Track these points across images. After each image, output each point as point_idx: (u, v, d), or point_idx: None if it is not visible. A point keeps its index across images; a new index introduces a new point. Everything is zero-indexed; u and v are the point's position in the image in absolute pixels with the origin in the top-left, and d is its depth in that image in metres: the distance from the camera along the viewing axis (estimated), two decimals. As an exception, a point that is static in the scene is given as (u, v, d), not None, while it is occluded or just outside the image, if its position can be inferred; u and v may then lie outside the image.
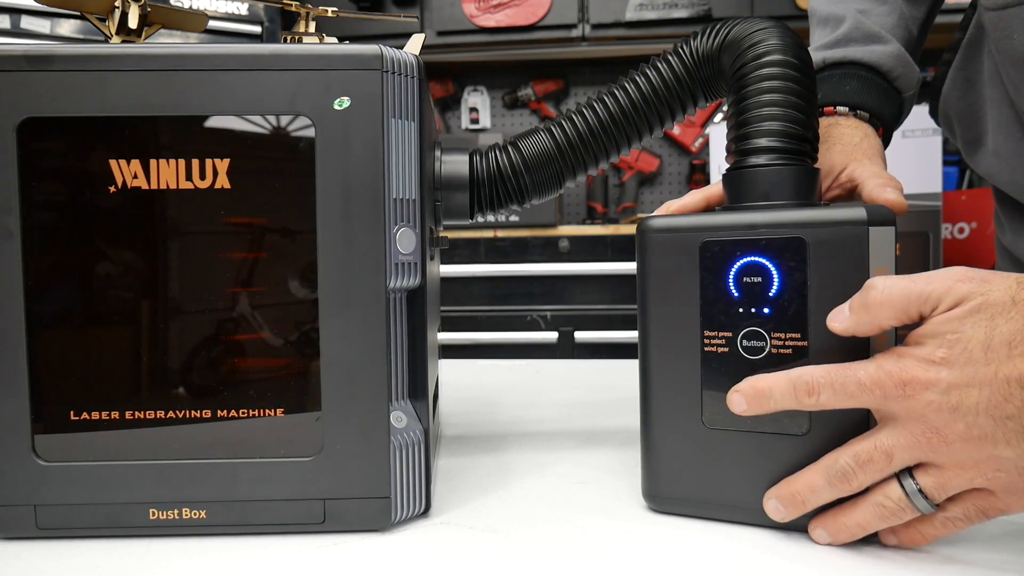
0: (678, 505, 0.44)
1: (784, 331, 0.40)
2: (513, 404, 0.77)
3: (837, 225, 0.38)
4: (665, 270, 0.43)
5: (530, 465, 0.54)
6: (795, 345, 0.39)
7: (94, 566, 0.38)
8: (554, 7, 2.30)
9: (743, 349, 0.41)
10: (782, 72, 0.43)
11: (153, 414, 0.40)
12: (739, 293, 0.41)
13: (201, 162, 0.40)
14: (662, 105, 0.49)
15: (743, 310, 0.41)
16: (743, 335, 0.41)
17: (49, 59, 0.39)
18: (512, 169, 0.50)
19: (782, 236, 0.39)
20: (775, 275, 0.40)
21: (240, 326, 0.40)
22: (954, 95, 0.71)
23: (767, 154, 0.43)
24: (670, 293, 0.42)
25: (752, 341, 0.40)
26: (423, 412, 0.44)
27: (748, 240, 0.40)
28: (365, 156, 0.40)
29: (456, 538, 0.41)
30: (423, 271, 0.42)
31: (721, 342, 0.41)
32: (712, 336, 0.41)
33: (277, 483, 0.41)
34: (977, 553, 0.38)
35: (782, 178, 0.42)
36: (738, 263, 0.40)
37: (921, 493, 0.36)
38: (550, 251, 1.99)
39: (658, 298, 0.43)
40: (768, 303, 0.40)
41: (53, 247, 0.40)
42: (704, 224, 0.42)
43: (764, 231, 0.40)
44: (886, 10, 0.64)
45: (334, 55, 0.40)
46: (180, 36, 1.41)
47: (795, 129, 0.43)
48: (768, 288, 0.40)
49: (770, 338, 0.40)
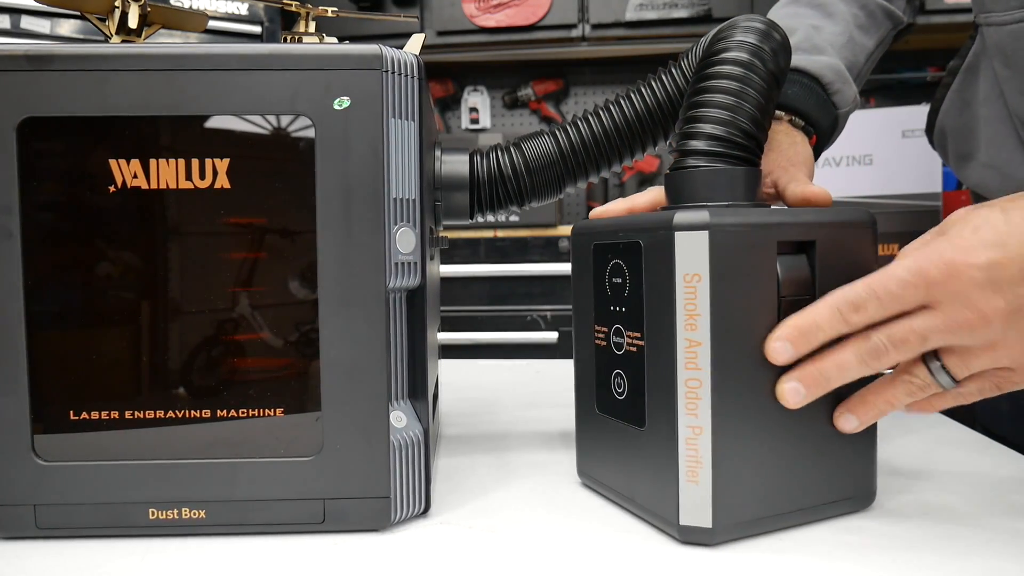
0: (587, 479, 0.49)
1: (632, 329, 0.42)
2: (513, 404, 0.77)
3: (655, 230, 0.39)
4: (577, 267, 0.47)
5: (530, 465, 0.54)
6: (638, 344, 0.41)
7: (94, 566, 0.38)
8: (554, 7, 2.30)
9: (613, 344, 0.44)
10: (728, 71, 0.43)
11: (153, 414, 0.40)
12: (609, 292, 0.44)
13: (201, 162, 0.40)
14: (666, 117, 0.49)
15: (611, 308, 0.44)
16: (613, 331, 0.44)
17: (49, 59, 0.39)
18: (513, 170, 0.50)
19: (627, 240, 0.42)
20: (627, 276, 0.42)
21: (240, 326, 0.40)
22: (951, 114, 0.74)
23: (700, 156, 0.42)
24: (579, 289, 0.47)
25: (616, 337, 0.43)
26: (423, 412, 0.44)
27: (613, 243, 0.43)
28: (365, 156, 0.40)
29: (456, 538, 0.41)
30: (423, 271, 0.42)
31: (602, 336, 0.45)
32: (599, 331, 0.45)
33: (277, 483, 0.41)
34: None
35: (713, 179, 0.42)
36: (609, 264, 0.44)
37: (945, 370, 0.38)
38: (550, 251, 1.99)
39: (573, 293, 0.48)
40: (623, 302, 0.43)
41: (53, 247, 0.40)
42: (598, 227, 0.45)
43: (622, 235, 0.42)
44: (838, 31, 0.66)
45: (334, 55, 0.40)
46: (180, 36, 1.41)
47: (729, 132, 0.42)
48: (624, 288, 0.42)
49: (625, 335, 0.42)
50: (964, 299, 0.36)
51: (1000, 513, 0.43)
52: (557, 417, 0.70)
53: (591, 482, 0.48)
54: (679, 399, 0.38)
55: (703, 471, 0.38)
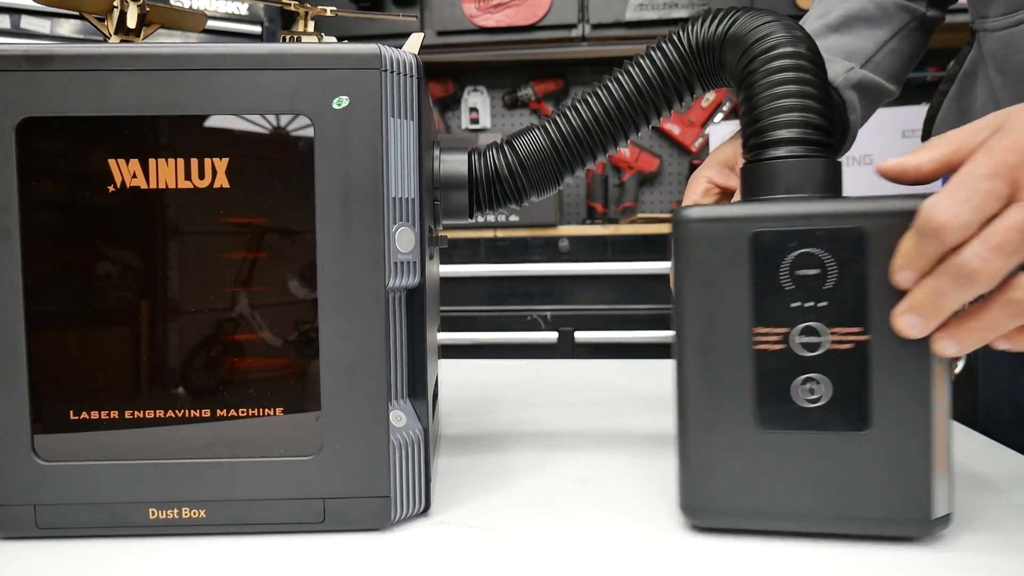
0: (724, 518, 0.41)
1: (844, 325, 0.38)
2: (513, 404, 0.77)
3: (897, 215, 0.37)
4: (710, 263, 0.39)
5: (530, 465, 0.54)
6: (857, 340, 0.38)
7: (94, 566, 0.38)
8: (554, 7, 2.30)
9: (798, 346, 0.39)
10: (797, 64, 0.42)
11: (153, 414, 0.40)
12: (794, 287, 0.38)
13: (200, 162, 0.40)
14: (657, 96, 0.49)
15: (798, 304, 0.38)
16: (799, 331, 0.39)
17: (49, 59, 0.39)
18: (509, 168, 0.50)
19: (840, 226, 0.38)
20: (835, 267, 0.38)
21: (239, 326, 0.40)
22: (948, 122, 0.73)
23: (791, 145, 0.41)
24: (715, 289, 0.39)
25: (808, 337, 0.39)
26: (423, 411, 0.44)
27: (804, 231, 0.38)
28: (364, 155, 0.40)
29: (456, 537, 0.41)
30: (422, 270, 0.42)
31: (775, 339, 0.39)
32: (765, 333, 0.39)
33: (277, 482, 0.41)
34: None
35: (812, 170, 0.41)
36: (792, 255, 0.38)
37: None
38: (550, 251, 1.99)
39: (700, 294, 0.40)
40: (825, 297, 0.38)
41: (53, 247, 0.40)
42: (753, 214, 0.39)
43: (822, 221, 0.38)
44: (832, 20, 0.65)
45: (333, 55, 0.40)
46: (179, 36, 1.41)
47: (821, 121, 0.42)
48: (825, 281, 0.38)
49: (828, 333, 0.38)
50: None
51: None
52: (557, 417, 0.70)
53: (732, 518, 0.40)
54: (933, 389, 0.37)
55: (949, 458, 0.38)
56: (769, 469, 0.39)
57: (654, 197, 2.64)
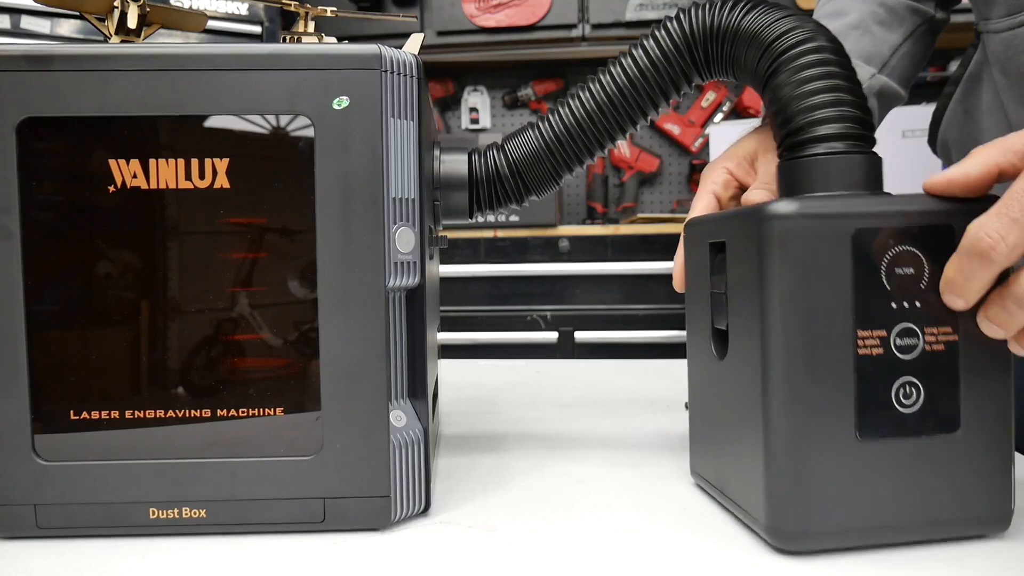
0: (824, 539, 0.37)
1: (936, 325, 0.37)
2: (513, 404, 0.77)
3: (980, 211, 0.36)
4: (807, 263, 0.37)
5: (530, 465, 0.54)
6: (947, 340, 0.37)
7: (94, 566, 0.38)
8: (554, 7, 2.30)
9: (897, 348, 0.37)
10: (827, 58, 0.41)
11: (153, 413, 0.40)
12: (891, 287, 0.37)
13: (200, 162, 0.40)
14: (651, 87, 0.48)
15: (896, 305, 0.37)
16: (896, 333, 0.37)
17: (49, 59, 0.39)
18: (509, 168, 0.50)
19: (933, 223, 0.37)
20: (927, 266, 0.37)
21: (240, 326, 0.40)
22: (954, 126, 0.73)
23: (834, 141, 0.40)
24: (813, 289, 0.37)
25: (906, 339, 0.37)
26: (423, 411, 0.44)
27: (902, 228, 0.37)
28: (364, 156, 0.40)
29: (456, 537, 0.41)
30: (422, 270, 0.42)
31: (876, 342, 0.37)
32: (866, 336, 0.37)
33: (277, 482, 0.41)
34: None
35: (859, 167, 0.40)
36: (891, 253, 0.37)
37: None
38: (550, 251, 1.99)
39: (795, 296, 0.37)
40: (920, 297, 0.37)
41: (53, 247, 0.40)
42: (852, 210, 0.37)
43: (917, 218, 0.37)
44: (853, 21, 0.65)
45: (333, 55, 0.40)
46: (179, 36, 1.41)
47: (862, 115, 0.41)
48: (920, 280, 0.37)
49: (923, 334, 0.37)
50: None
51: None
52: (557, 417, 0.70)
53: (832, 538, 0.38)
54: (1012, 386, 0.38)
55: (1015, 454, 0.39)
56: (867, 481, 0.37)
57: (654, 197, 2.64)
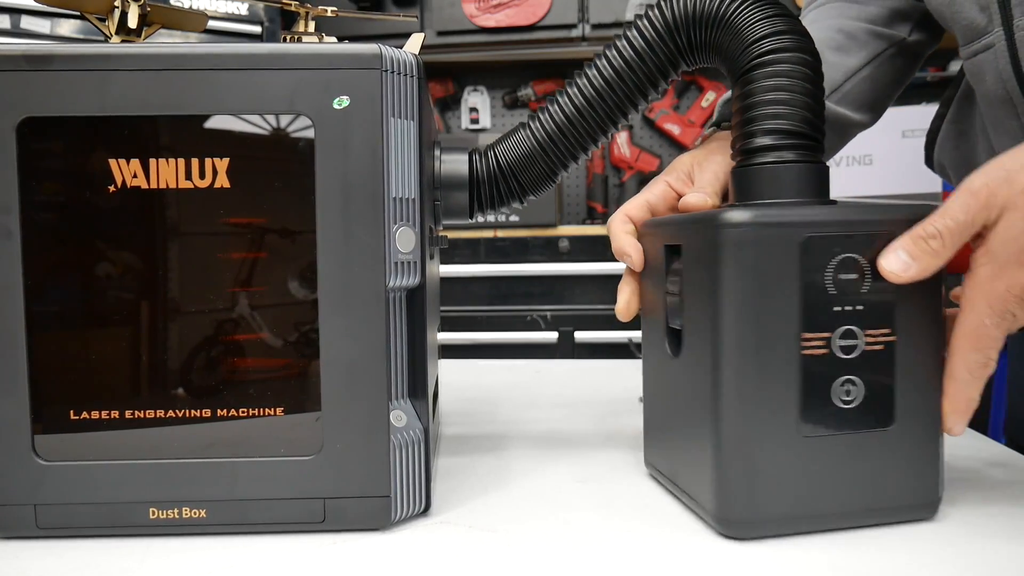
0: (766, 527, 0.40)
1: (876, 326, 0.40)
2: (513, 404, 0.77)
3: (918, 219, 0.39)
4: (757, 269, 0.39)
5: (530, 465, 0.54)
6: (886, 340, 0.40)
7: (94, 566, 0.38)
8: (554, 7, 2.30)
9: (839, 349, 0.40)
10: (796, 69, 0.43)
11: (153, 414, 0.40)
12: (836, 291, 0.39)
13: (201, 161, 0.40)
14: (638, 77, 0.48)
15: (839, 308, 0.39)
16: (839, 334, 0.40)
17: (49, 59, 0.39)
18: (508, 168, 0.50)
19: (876, 231, 0.39)
20: (869, 271, 0.40)
21: (240, 326, 0.40)
22: (948, 146, 0.73)
23: (785, 151, 0.42)
24: (762, 294, 0.39)
25: (847, 340, 0.40)
26: (423, 411, 0.44)
27: (847, 236, 0.39)
28: (365, 155, 0.40)
29: (456, 537, 0.41)
30: (423, 270, 0.42)
31: (819, 343, 0.39)
32: (811, 338, 0.39)
33: (277, 482, 0.41)
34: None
35: (808, 175, 0.42)
36: (836, 260, 0.39)
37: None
38: (550, 251, 1.99)
39: (745, 300, 0.39)
40: (861, 300, 0.40)
41: (53, 247, 0.40)
42: (802, 219, 0.40)
43: (862, 227, 0.39)
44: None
45: (333, 54, 0.40)
46: (180, 36, 1.41)
47: (813, 131, 0.43)
48: (862, 284, 0.40)
49: (863, 335, 0.40)
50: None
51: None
52: (557, 417, 0.70)
53: (772, 525, 0.40)
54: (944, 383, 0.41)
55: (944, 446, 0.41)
56: (809, 473, 0.40)
57: (654, 197, 2.63)
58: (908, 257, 0.39)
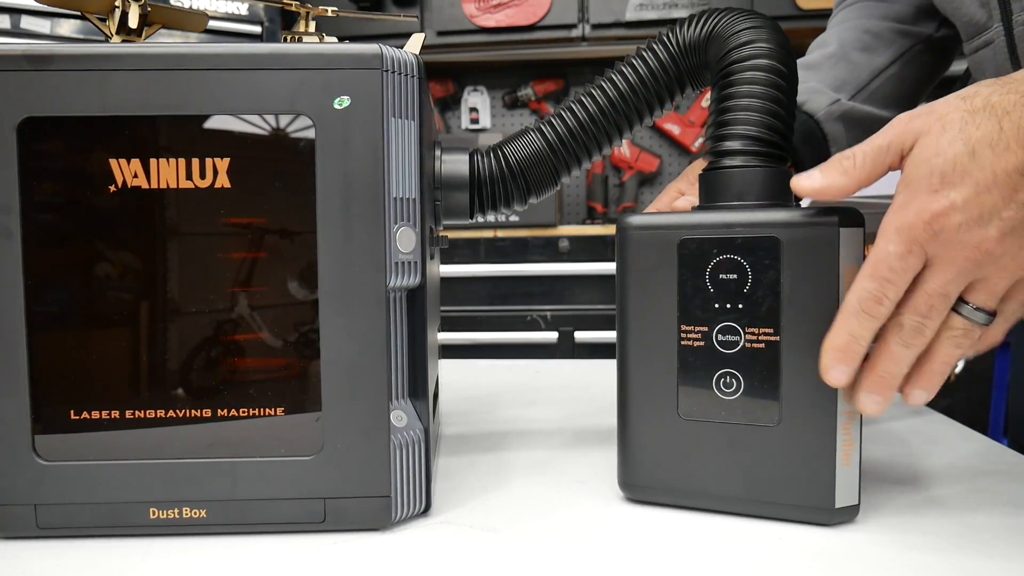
0: (652, 493, 0.45)
1: (758, 326, 0.42)
2: (513, 404, 0.77)
3: (810, 226, 0.40)
4: (644, 266, 0.44)
5: (530, 464, 0.54)
6: (768, 340, 0.41)
7: (94, 566, 0.38)
8: (554, 7, 2.30)
9: (719, 343, 0.42)
10: (763, 77, 0.45)
11: (153, 414, 0.40)
12: (714, 289, 0.42)
13: (201, 161, 0.40)
14: (650, 94, 0.50)
15: (719, 305, 0.42)
16: (718, 329, 0.42)
17: (49, 59, 0.39)
18: (511, 170, 0.51)
19: (757, 235, 0.41)
20: (751, 272, 0.41)
21: (240, 326, 0.40)
22: None
23: (741, 156, 0.44)
24: (648, 289, 0.44)
25: (727, 336, 0.42)
26: (423, 411, 0.44)
27: (724, 238, 0.42)
28: (365, 155, 0.40)
29: (456, 537, 0.41)
30: (423, 270, 0.42)
31: (698, 336, 0.43)
32: (689, 330, 0.43)
33: (277, 482, 0.41)
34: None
35: (755, 179, 0.44)
36: (714, 260, 0.42)
37: (978, 309, 0.38)
38: (550, 251, 1.99)
39: (636, 293, 0.45)
40: (742, 299, 0.42)
41: (53, 247, 0.40)
42: (682, 223, 0.43)
43: (740, 230, 0.42)
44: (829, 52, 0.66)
45: (334, 54, 0.40)
46: (180, 36, 1.41)
47: (769, 134, 0.44)
48: (744, 285, 0.42)
49: (744, 332, 0.42)
50: (958, 244, 0.36)
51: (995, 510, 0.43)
52: (557, 417, 0.70)
53: (658, 493, 0.45)
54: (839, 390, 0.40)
55: (853, 453, 0.41)
56: (690, 453, 0.44)
57: (654, 197, 2.62)
58: (819, 173, 0.40)
